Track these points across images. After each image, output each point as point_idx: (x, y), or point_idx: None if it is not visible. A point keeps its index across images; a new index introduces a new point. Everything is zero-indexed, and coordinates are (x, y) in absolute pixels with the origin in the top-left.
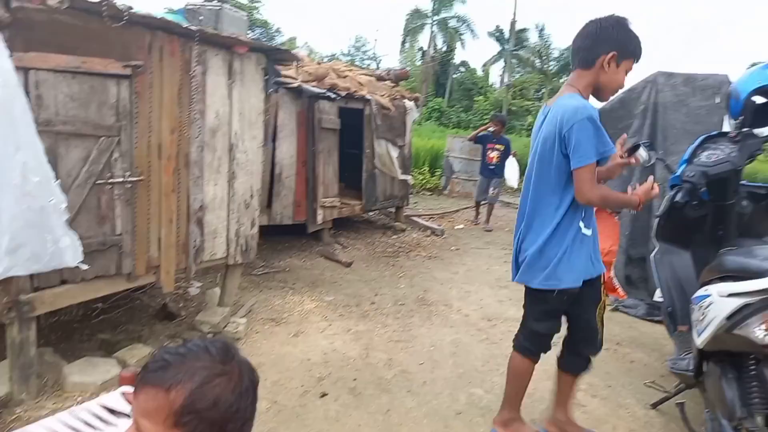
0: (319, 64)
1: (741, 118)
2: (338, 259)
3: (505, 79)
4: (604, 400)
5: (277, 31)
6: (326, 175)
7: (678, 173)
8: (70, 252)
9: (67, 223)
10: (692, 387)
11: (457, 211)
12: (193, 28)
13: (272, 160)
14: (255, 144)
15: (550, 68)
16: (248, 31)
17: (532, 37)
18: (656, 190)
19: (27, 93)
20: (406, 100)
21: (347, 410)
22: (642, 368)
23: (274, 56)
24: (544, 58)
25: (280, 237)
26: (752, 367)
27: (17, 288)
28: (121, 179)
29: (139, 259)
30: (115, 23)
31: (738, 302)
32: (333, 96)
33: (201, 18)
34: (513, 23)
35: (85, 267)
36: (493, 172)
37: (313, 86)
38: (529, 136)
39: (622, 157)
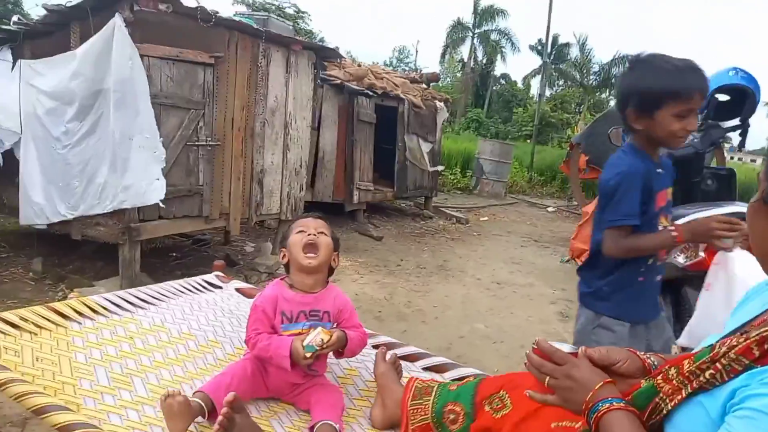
0: (359, 65)
1: (704, 112)
2: (370, 234)
3: (546, 93)
4: None
5: (321, 40)
6: (362, 161)
7: None
8: (158, 192)
9: (162, 170)
10: None
11: (485, 207)
12: (261, 29)
13: (317, 146)
14: (304, 123)
15: (590, 83)
16: None
17: (574, 52)
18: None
19: None
20: (437, 101)
21: (372, 330)
22: None
23: (322, 54)
24: (584, 72)
25: (321, 213)
26: None
27: (129, 218)
28: (204, 143)
29: (214, 206)
30: (205, 24)
31: None
32: (370, 93)
33: None
34: (548, 35)
35: (163, 205)
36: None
37: (354, 85)
38: (566, 147)
39: None
